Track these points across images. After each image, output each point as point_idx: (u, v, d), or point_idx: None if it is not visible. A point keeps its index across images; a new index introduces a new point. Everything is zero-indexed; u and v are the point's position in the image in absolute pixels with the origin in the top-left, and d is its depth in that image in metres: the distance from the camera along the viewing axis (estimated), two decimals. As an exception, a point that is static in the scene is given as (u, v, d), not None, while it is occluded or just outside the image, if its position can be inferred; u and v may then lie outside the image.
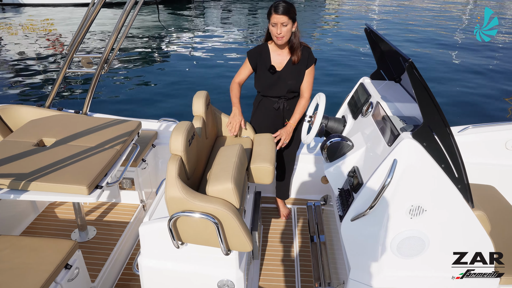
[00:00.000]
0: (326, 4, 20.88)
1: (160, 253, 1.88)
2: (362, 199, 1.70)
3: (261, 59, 2.56)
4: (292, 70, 2.52)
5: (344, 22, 15.58)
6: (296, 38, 2.44)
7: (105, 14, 15.60)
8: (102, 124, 2.57)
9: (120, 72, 8.80)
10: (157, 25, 13.78)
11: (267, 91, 2.61)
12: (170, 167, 1.71)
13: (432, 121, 1.53)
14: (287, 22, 2.31)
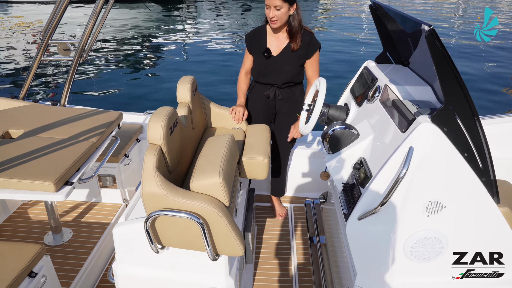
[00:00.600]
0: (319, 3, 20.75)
1: (138, 258, 1.64)
2: (371, 194, 1.47)
3: (257, 41, 2.35)
4: (290, 57, 2.29)
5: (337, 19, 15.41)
6: (295, 21, 2.20)
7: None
8: (77, 115, 2.31)
9: (109, 68, 8.51)
10: (149, 25, 13.49)
11: (260, 77, 2.39)
12: (147, 158, 1.46)
13: (455, 102, 1.30)
14: (281, 5, 2.09)
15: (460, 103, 1.30)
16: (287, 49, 2.28)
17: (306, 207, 2.60)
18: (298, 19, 2.21)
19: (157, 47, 10.66)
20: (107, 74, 8.23)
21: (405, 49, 1.99)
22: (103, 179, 2.71)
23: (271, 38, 2.31)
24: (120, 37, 11.44)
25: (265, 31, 2.33)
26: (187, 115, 1.94)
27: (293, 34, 2.22)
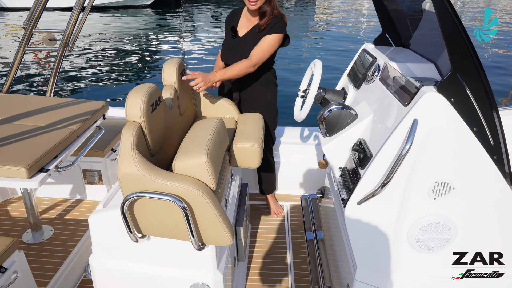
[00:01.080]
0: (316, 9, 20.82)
1: (116, 250, 1.49)
2: (371, 176, 1.33)
3: (230, 21, 2.32)
4: (254, 38, 2.18)
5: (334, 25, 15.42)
6: (270, 5, 2.12)
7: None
8: (59, 103, 2.18)
9: (106, 71, 8.40)
10: (146, 30, 13.44)
11: (225, 58, 2.31)
12: (124, 135, 1.33)
13: (464, 69, 1.17)
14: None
15: (469, 71, 1.17)
16: (254, 30, 2.20)
17: (302, 202, 2.46)
18: (273, 3, 2.14)
19: (154, 51, 10.58)
20: (101, 75, 8.13)
21: (405, 30, 1.88)
22: (89, 175, 2.57)
23: (243, 19, 2.27)
24: (117, 42, 11.37)
25: (241, 13, 2.30)
26: (173, 98, 1.81)
27: (264, 13, 2.14)
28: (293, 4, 21.16)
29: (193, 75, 1.88)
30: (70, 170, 2.55)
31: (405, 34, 1.89)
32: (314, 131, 3.02)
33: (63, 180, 2.61)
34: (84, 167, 2.53)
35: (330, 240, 2.02)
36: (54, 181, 2.63)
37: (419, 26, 1.73)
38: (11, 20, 15.11)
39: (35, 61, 8.59)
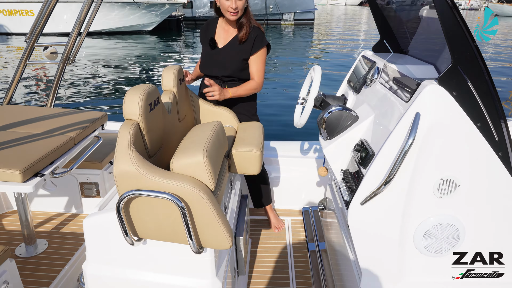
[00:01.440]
0: (314, 34, 21.29)
1: (111, 255, 1.44)
2: (374, 173, 1.30)
3: (206, 33, 2.28)
4: (234, 49, 2.19)
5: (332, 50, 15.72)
6: (246, 16, 2.14)
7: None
8: (58, 112, 2.17)
9: (106, 88, 8.47)
10: (148, 54, 13.69)
11: (204, 69, 2.29)
12: (121, 133, 1.30)
13: (465, 61, 1.16)
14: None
15: (470, 63, 1.16)
16: (234, 42, 2.20)
17: (303, 214, 2.40)
18: (249, 13, 2.16)
19: (155, 72, 10.73)
20: (101, 90, 8.22)
21: (403, 36, 1.89)
22: (86, 188, 2.52)
23: (220, 30, 2.25)
24: (117, 62, 11.55)
25: (216, 23, 2.27)
26: (172, 103, 1.79)
27: (242, 25, 2.15)
28: (291, 32, 21.67)
29: (212, 84, 2.03)
30: (67, 183, 2.51)
31: (403, 41, 1.91)
32: (314, 144, 3.00)
33: (59, 194, 2.56)
34: (81, 180, 2.49)
35: (333, 250, 1.95)
36: (50, 194, 2.58)
37: (417, 32, 1.74)
38: (14, 43, 15.42)
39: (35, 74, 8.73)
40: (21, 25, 17.10)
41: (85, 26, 2.66)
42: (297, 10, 24.32)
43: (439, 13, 1.13)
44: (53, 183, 2.53)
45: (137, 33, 18.86)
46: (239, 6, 2.04)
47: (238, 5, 2.03)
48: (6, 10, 17.02)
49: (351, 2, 75.91)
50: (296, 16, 24.60)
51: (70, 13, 15.70)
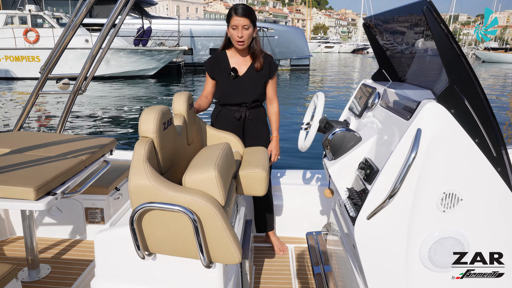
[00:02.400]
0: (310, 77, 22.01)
1: (121, 271, 1.45)
2: (379, 188, 1.35)
3: (218, 65, 2.37)
4: (255, 76, 2.35)
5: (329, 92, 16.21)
6: (257, 44, 2.31)
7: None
8: (69, 138, 2.24)
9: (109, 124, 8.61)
10: (149, 97, 14.06)
11: (227, 98, 2.38)
12: (137, 149, 1.37)
13: (460, 80, 1.27)
14: (249, 25, 2.18)
15: (465, 82, 1.26)
16: (252, 69, 2.34)
17: (308, 238, 2.41)
18: (258, 42, 2.32)
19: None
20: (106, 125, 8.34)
21: (400, 66, 2.03)
22: (90, 213, 2.54)
23: (233, 60, 2.36)
24: (120, 107, 11.81)
25: (226, 55, 2.37)
26: (182, 126, 1.88)
27: (256, 55, 2.31)
28: (288, 76, 22.44)
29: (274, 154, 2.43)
30: (72, 208, 2.53)
31: (401, 70, 2.04)
32: (316, 173, 3.06)
33: (64, 219, 2.57)
34: (86, 205, 2.51)
35: (339, 273, 1.95)
36: (54, 221, 2.58)
37: (413, 62, 1.87)
38: (19, 87, 15.83)
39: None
40: (27, 70, 17.64)
41: (97, 59, 2.82)
42: (293, 57, 25.36)
43: (436, 38, 1.24)
44: (58, 208, 2.55)
45: (139, 77, 19.47)
46: (245, 36, 2.18)
47: (243, 34, 2.17)
48: (13, 57, 17.63)
49: (344, 50, 79.26)
50: (292, 62, 25.59)
51: (72, 55, 16.24)
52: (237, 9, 2.16)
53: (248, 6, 2.21)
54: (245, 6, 2.19)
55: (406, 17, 1.51)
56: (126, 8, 2.70)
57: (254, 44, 2.29)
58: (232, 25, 2.18)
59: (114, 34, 2.85)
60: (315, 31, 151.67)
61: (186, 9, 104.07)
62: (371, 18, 1.94)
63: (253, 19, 2.21)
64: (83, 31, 16.78)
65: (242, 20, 2.15)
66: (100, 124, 9.03)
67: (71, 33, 2.60)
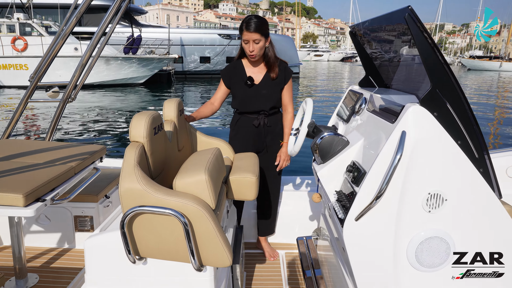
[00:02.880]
0: (300, 84, 22.20)
1: (112, 276, 1.44)
2: (367, 189, 1.38)
3: (235, 74, 2.40)
4: (271, 84, 2.37)
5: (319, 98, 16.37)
6: (271, 52, 2.33)
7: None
8: (58, 145, 2.24)
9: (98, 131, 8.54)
10: (140, 105, 14.01)
11: (245, 106, 2.41)
12: (128, 154, 1.38)
13: (442, 84, 1.31)
14: (260, 39, 2.21)
15: (447, 86, 1.31)
16: (267, 77, 2.37)
17: (298, 243, 2.42)
18: (272, 50, 2.33)
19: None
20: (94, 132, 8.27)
21: (386, 72, 2.08)
22: (80, 221, 2.52)
23: (249, 69, 2.39)
24: (110, 114, 11.74)
25: (242, 64, 2.40)
26: (173, 132, 1.89)
27: (271, 64, 2.34)
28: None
29: (282, 161, 2.43)
30: (61, 217, 2.50)
31: (387, 76, 2.09)
32: (305, 179, 3.09)
33: (53, 228, 2.54)
34: (76, 213, 2.49)
35: (330, 276, 1.97)
36: (43, 230, 2.55)
37: (398, 69, 1.93)
38: (6, 95, 15.64)
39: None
40: (14, 78, 17.45)
41: (87, 68, 2.82)
42: (283, 65, 25.59)
43: (417, 43, 1.29)
44: (46, 217, 2.53)
45: (129, 85, 19.42)
46: (256, 49, 2.22)
47: (255, 48, 2.21)
48: (1, 65, 17.43)
49: (333, 58, 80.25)
50: (282, 70, 25.81)
51: (61, 62, 16.11)
52: (249, 25, 2.17)
53: (259, 18, 2.21)
54: (256, 20, 2.19)
55: (390, 26, 1.56)
56: (117, 17, 2.71)
57: (268, 53, 2.31)
58: (243, 39, 2.22)
59: (105, 42, 2.87)
60: (305, 39, 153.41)
61: (176, 17, 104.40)
62: (357, 26, 2.00)
63: (264, 32, 2.23)
64: (72, 39, 16.71)
65: (253, 35, 2.18)
66: (90, 132, 8.98)
67: (61, 42, 2.60)
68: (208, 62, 23.86)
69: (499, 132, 9.77)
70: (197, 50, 23.43)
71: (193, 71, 24.15)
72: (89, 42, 2.57)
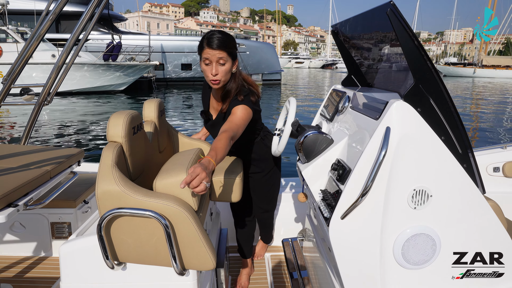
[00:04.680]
0: (282, 91, 22.34)
1: (89, 282, 1.38)
2: (352, 187, 1.37)
3: (204, 98, 2.07)
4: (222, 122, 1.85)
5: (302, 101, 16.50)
6: (235, 82, 1.82)
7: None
8: (34, 149, 2.15)
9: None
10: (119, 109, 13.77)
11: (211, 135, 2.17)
12: (104, 154, 1.32)
13: (425, 80, 1.32)
14: (226, 59, 1.72)
15: (430, 82, 1.31)
16: (221, 113, 1.92)
17: (284, 245, 2.39)
18: (238, 78, 1.84)
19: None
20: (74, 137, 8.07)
21: (369, 72, 2.09)
22: (57, 228, 2.41)
23: (212, 100, 2.00)
24: (89, 121, 11.49)
25: (210, 89, 1.98)
26: (153, 133, 1.84)
27: (227, 93, 1.82)
28: (260, 89, 22.68)
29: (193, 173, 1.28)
30: (36, 224, 2.40)
31: (369, 76, 2.11)
32: (290, 181, 3.07)
33: (28, 236, 2.43)
34: (52, 220, 2.39)
35: (316, 277, 1.94)
36: (17, 239, 2.44)
37: (380, 68, 1.94)
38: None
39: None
40: (-13, 85, 16.87)
41: (63, 71, 2.73)
42: (265, 72, 25.72)
43: (400, 39, 1.29)
44: (21, 224, 2.42)
45: (108, 93, 19.08)
46: (220, 73, 1.73)
47: (219, 71, 1.73)
48: (-26, 72, 16.84)
49: (314, 65, 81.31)
50: (264, 77, 25.93)
51: (40, 71, 15.72)
52: (210, 40, 1.69)
53: (225, 33, 1.74)
54: (221, 34, 1.72)
55: (371, 22, 1.57)
56: (92, 21, 2.64)
57: (231, 82, 1.81)
58: (203, 58, 1.73)
59: (80, 47, 2.79)
60: (286, 47, 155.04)
61: (157, 25, 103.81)
62: (339, 25, 2.01)
63: (231, 51, 1.74)
64: (49, 46, 16.34)
65: (217, 52, 1.69)
66: (68, 138, 8.77)
67: (34, 45, 2.51)
68: (190, 69, 23.76)
69: (478, 135, 10.08)
70: (178, 57, 23.30)
71: (174, 78, 23.97)
72: (64, 46, 2.50)
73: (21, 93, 2.75)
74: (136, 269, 1.38)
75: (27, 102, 2.72)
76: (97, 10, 2.57)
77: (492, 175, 2.51)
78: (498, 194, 2.27)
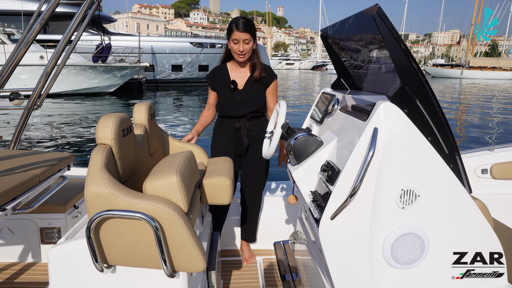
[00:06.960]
0: None
1: (78, 286, 1.37)
2: (341, 187, 1.39)
3: (220, 78, 2.41)
4: (254, 88, 2.39)
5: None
6: (257, 56, 2.37)
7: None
8: (22, 153, 2.13)
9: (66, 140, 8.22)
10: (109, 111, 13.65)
11: (228, 111, 2.41)
12: (94, 156, 1.32)
13: (411, 81, 1.35)
14: (249, 39, 2.24)
15: (416, 84, 1.34)
16: (250, 81, 2.38)
17: (275, 248, 2.41)
18: (258, 53, 2.37)
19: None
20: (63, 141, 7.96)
21: (357, 75, 2.12)
22: (46, 234, 2.39)
23: (233, 73, 2.41)
24: (79, 124, 11.36)
25: (226, 68, 2.42)
26: (144, 136, 1.84)
27: (255, 66, 2.36)
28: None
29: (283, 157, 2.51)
30: (25, 229, 2.37)
31: (358, 79, 2.14)
32: (281, 183, 3.09)
33: (16, 241, 2.40)
34: (42, 225, 2.37)
35: (307, 279, 1.96)
36: (5, 244, 2.40)
37: (369, 71, 1.97)
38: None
39: None
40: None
41: (52, 75, 2.71)
42: (255, 73, 25.76)
43: (386, 41, 1.32)
44: (9, 230, 2.39)
45: (98, 95, 18.91)
46: (246, 49, 2.25)
47: (245, 48, 2.24)
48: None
49: (304, 66, 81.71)
50: (254, 78, 25.98)
51: (28, 71, 15.51)
52: (238, 24, 2.21)
53: (248, 20, 2.26)
54: (245, 20, 2.24)
55: (359, 26, 1.59)
56: (83, 24, 2.63)
57: (254, 56, 2.35)
58: (233, 39, 2.23)
59: (70, 50, 2.78)
60: (276, 48, 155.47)
61: (147, 26, 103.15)
62: (327, 29, 2.03)
63: (254, 33, 2.27)
64: (37, 47, 16.12)
65: (243, 34, 2.21)
66: (58, 141, 8.66)
67: (23, 49, 2.49)
68: (180, 70, 23.67)
69: (465, 136, 10.25)
70: (169, 58, 23.20)
71: (164, 80, 23.85)
72: (54, 49, 2.48)
73: (11, 98, 2.71)
74: (125, 272, 1.38)
75: (16, 107, 2.69)
76: (89, 12, 2.56)
77: (481, 177, 2.56)
78: (486, 195, 2.32)
